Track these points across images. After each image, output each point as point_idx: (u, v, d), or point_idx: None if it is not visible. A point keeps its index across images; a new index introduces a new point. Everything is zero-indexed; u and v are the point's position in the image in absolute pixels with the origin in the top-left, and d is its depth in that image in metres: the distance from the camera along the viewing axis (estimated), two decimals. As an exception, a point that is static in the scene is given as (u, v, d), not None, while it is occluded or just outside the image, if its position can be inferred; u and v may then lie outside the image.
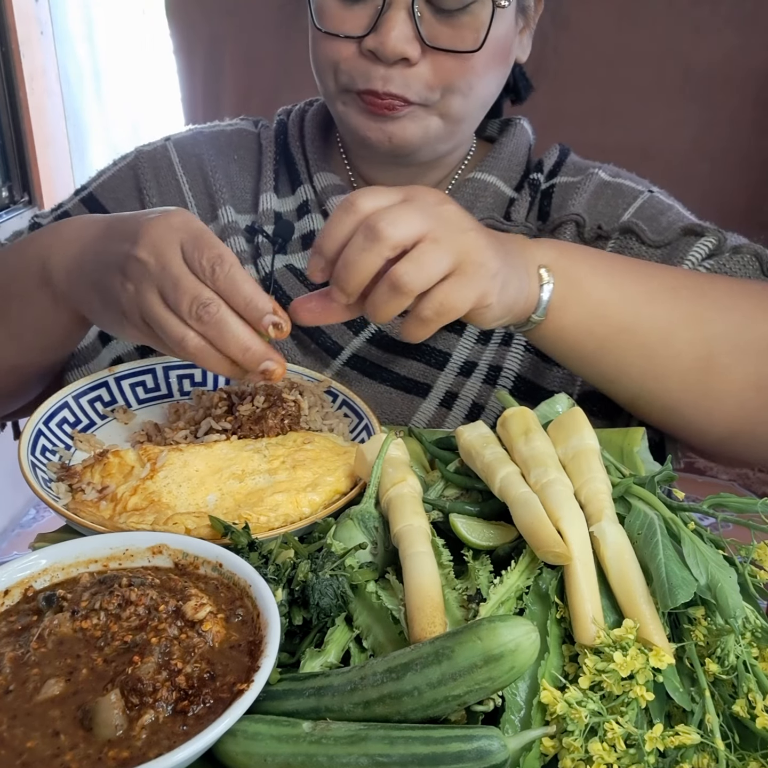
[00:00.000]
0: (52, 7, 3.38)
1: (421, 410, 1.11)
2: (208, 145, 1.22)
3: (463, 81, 1.01)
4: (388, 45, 0.96)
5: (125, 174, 1.21)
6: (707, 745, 0.56)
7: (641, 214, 1.14)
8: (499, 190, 1.19)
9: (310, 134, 1.22)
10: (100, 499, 0.82)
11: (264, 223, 1.18)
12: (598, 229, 1.12)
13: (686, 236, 1.09)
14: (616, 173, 1.21)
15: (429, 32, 0.98)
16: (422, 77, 1.00)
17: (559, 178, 1.20)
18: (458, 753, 0.52)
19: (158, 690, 0.55)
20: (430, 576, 0.66)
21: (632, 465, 0.85)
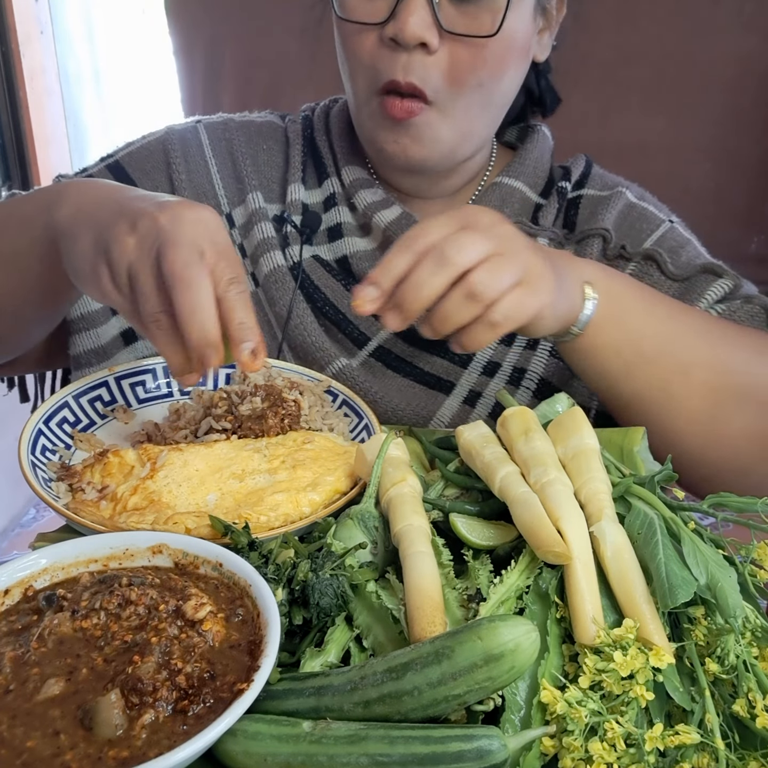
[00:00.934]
0: (52, 7, 3.38)
1: (445, 406, 1.13)
2: (239, 132, 1.23)
3: (474, 75, 1.03)
4: (407, 30, 0.98)
5: (154, 147, 1.21)
6: (707, 745, 0.56)
7: (662, 243, 1.16)
8: (525, 195, 1.21)
9: (337, 129, 1.23)
10: (100, 498, 0.82)
11: (292, 213, 1.19)
12: (622, 249, 1.15)
13: (705, 274, 1.12)
14: (641, 195, 1.23)
15: (446, 19, 0.99)
16: (440, 67, 1.02)
17: (586, 190, 1.22)
18: (458, 752, 0.52)
19: (158, 689, 0.55)
20: (430, 576, 0.66)
21: (632, 464, 0.85)
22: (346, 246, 1.18)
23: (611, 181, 1.24)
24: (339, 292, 1.16)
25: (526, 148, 1.23)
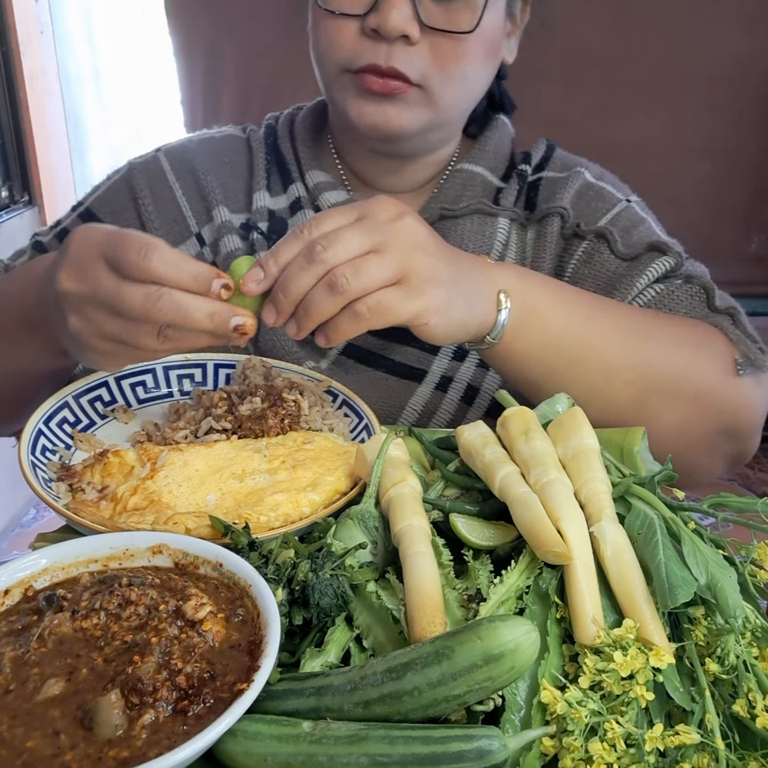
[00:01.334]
0: (52, 7, 3.38)
1: (418, 394, 1.14)
2: (199, 151, 1.24)
3: (457, 66, 1.05)
4: (390, 22, 1.00)
5: (120, 186, 1.22)
6: (707, 745, 0.56)
7: (617, 222, 1.18)
8: (487, 179, 1.23)
9: (301, 135, 1.24)
10: (100, 498, 0.82)
11: (258, 220, 1.19)
12: (576, 227, 1.17)
13: (651, 252, 1.13)
14: (600, 175, 1.25)
15: (426, 14, 1.01)
16: (421, 57, 1.03)
17: (546, 172, 1.24)
18: (458, 753, 0.52)
19: (158, 690, 0.55)
20: (430, 576, 0.66)
21: (632, 465, 0.85)
22: None
23: (571, 162, 1.26)
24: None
25: (486, 135, 1.25)
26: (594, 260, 1.15)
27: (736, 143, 2.81)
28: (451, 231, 1.17)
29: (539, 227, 1.19)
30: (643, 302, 1.11)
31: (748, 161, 2.83)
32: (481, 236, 1.17)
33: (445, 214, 1.18)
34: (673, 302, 1.10)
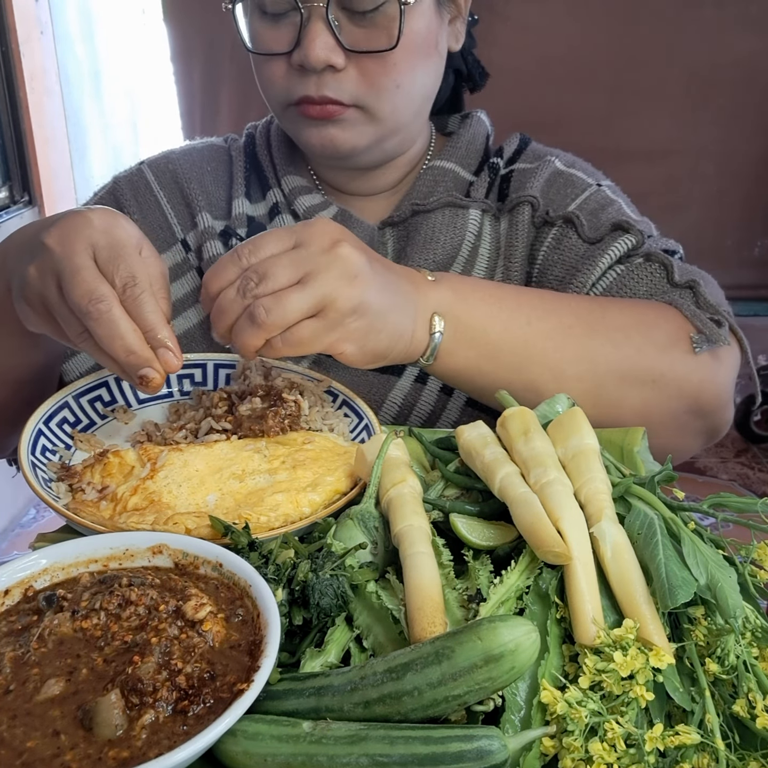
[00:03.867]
0: (52, 7, 3.38)
1: (397, 388, 1.15)
2: (181, 160, 1.26)
3: (389, 79, 1.06)
4: (311, 56, 1.01)
5: (106, 199, 1.24)
6: (707, 745, 0.56)
7: (585, 206, 1.19)
8: (459, 175, 1.24)
9: (276, 142, 1.26)
10: (100, 499, 0.82)
11: (237, 226, 1.21)
12: (546, 215, 1.18)
13: (613, 232, 1.14)
14: (572, 163, 1.26)
15: (348, 38, 1.02)
16: (351, 80, 1.05)
17: (518, 164, 1.25)
18: (458, 753, 0.52)
19: (158, 690, 0.55)
20: (430, 576, 0.66)
21: (632, 465, 0.85)
22: None
23: (542, 153, 1.26)
24: None
25: (459, 133, 1.26)
26: (562, 246, 1.16)
27: (740, 147, 2.80)
28: (423, 225, 1.19)
29: (511, 217, 1.20)
30: (605, 285, 1.12)
31: (753, 165, 2.82)
32: (452, 228, 1.19)
33: (416, 209, 1.19)
34: (634, 281, 1.11)
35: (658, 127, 2.78)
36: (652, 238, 1.16)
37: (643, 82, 2.75)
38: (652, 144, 2.75)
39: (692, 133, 2.78)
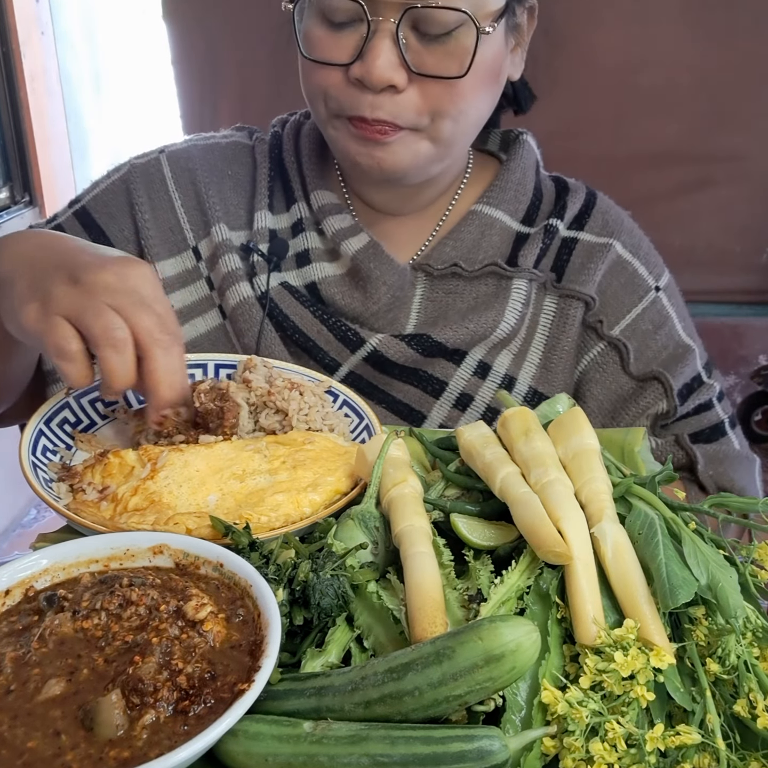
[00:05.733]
0: (52, 7, 3.38)
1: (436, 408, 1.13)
2: (202, 160, 1.21)
3: (452, 106, 1.01)
4: (374, 73, 0.96)
5: (118, 188, 1.20)
6: (708, 745, 0.56)
7: (638, 326, 1.19)
8: (505, 225, 1.19)
9: (307, 150, 1.21)
10: (101, 499, 0.82)
11: (259, 241, 1.18)
12: (598, 323, 1.17)
13: (652, 381, 1.16)
14: (636, 247, 1.21)
15: (414, 59, 0.97)
16: (411, 103, 1.00)
17: (584, 233, 1.20)
18: (459, 753, 0.52)
19: (159, 690, 0.55)
20: (431, 576, 0.66)
21: (633, 465, 0.85)
22: (314, 272, 1.17)
23: (612, 222, 1.21)
24: (308, 320, 1.14)
25: (509, 168, 1.20)
26: (606, 369, 1.16)
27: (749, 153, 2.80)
28: (464, 292, 1.15)
29: (561, 302, 1.17)
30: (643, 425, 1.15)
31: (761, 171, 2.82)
32: (494, 301, 1.15)
33: (457, 272, 1.15)
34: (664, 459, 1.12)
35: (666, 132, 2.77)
36: (709, 374, 1.20)
37: (651, 87, 2.74)
38: (661, 149, 2.75)
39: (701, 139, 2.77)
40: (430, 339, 1.13)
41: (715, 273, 1.10)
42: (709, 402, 1.20)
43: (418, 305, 1.17)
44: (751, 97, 2.74)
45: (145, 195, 1.19)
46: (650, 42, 2.69)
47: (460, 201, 1.21)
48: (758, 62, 2.69)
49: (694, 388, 1.19)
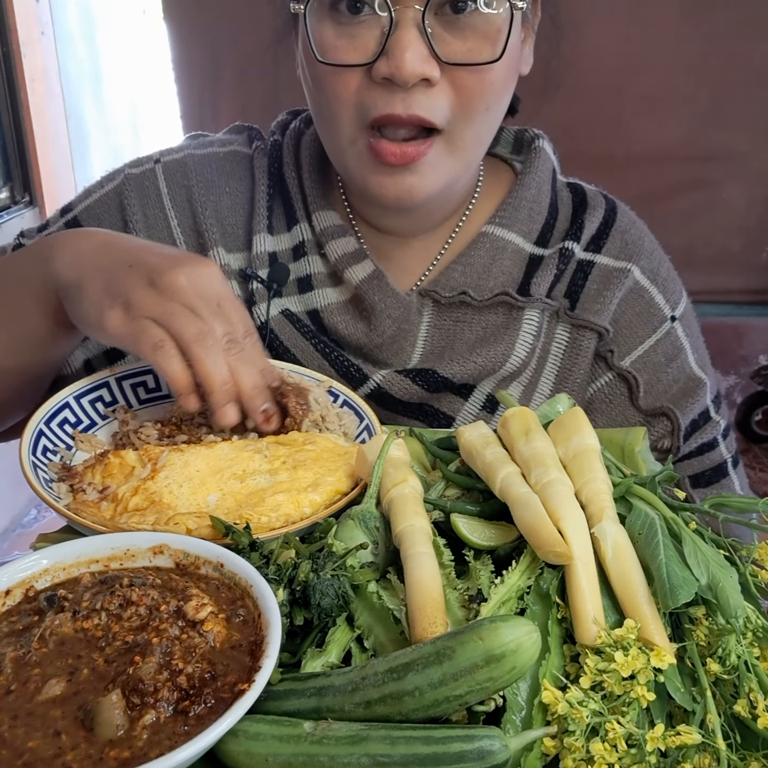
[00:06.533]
0: (53, 8, 3.39)
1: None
2: (199, 176, 1.15)
3: (482, 100, 0.95)
4: (405, 68, 0.88)
5: (111, 200, 1.14)
6: (708, 745, 0.56)
7: (650, 358, 1.14)
8: (518, 248, 1.12)
9: (308, 165, 1.14)
10: (101, 499, 0.82)
11: (258, 266, 1.12)
12: (609, 352, 1.13)
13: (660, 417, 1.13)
14: (655, 272, 1.16)
15: (444, 49, 0.90)
16: (445, 96, 0.93)
17: (602, 256, 1.14)
18: (459, 753, 0.52)
19: (159, 690, 0.55)
20: (431, 576, 0.66)
21: (633, 465, 0.85)
22: (317, 299, 1.11)
23: (632, 244, 1.15)
24: (309, 353, 1.09)
25: (523, 184, 1.13)
26: (613, 401, 1.13)
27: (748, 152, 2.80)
28: (472, 323, 1.10)
29: (574, 332, 1.12)
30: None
31: (760, 170, 2.82)
32: (504, 333, 1.09)
33: (466, 300, 1.09)
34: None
35: (664, 132, 2.78)
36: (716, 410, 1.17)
37: (649, 87, 2.75)
38: (659, 149, 2.75)
39: (699, 138, 2.77)
40: (436, 374, 1.07)
41: (715, 272, 1.10)
42: (713, 441, 1.17)
43: (425, 334, 1.11)
44: (750, 97, 2.74)
45: (140, 212, 1.13)
46: (650, 42, 2.69)
47: (470, 220, 1.14)
48: (757, 62, 2.69)
49: (700, 426, 1.15)
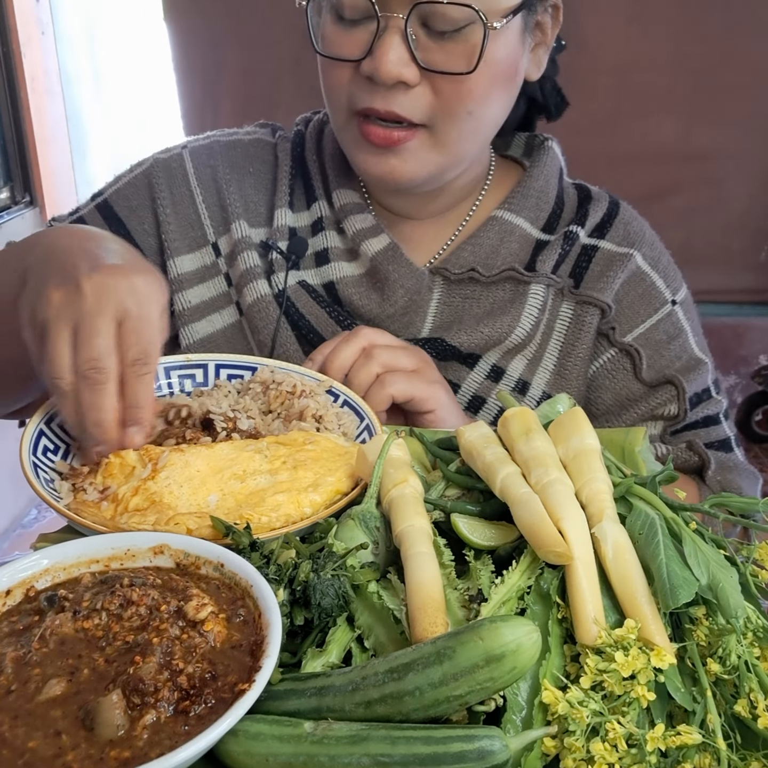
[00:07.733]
0: (53, 8, 3.39)
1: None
2: (224, 157, 1.22)
3: (461, 105, 1.01)
4: (383, 69, 0.96)
5: (140, 182, 1.21)
6: (709, 745, 0.56)
7: (654, 333, 1.18)
8: (525, 232, 1.18)
9: (330, 149, 1.21)
10: (102, 499, 0.82)
11: (278, 239, 1.18)
12: (611, 330, 1.17)
13: (665, 385, 1.16)
14: (656, 260, 1.21)
15: (424, 55, 0.98)
16: (423, 98, 1.01)
17: (605, 242, 1.19)
18: (460, 753, 0.52)
19: (160, 690, 0.55)
20: (431, 576, 0.66)
21: (633, 465, 0.85)
22: (332, 271, 1.18)
23: (634, 233, 1.21)
24: (323, 320, 1.16)
25: (531, 175, 1.20)
26: (616, 376, 1.17)
27: (747, 151, 2.80)
28: (481, 297, 1.16)
29: (578, 309, 1.17)
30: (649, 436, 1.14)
31: (760, 169, 2.82)
32: (510, 307, 1.15)
33: (474, 276, 1.16)
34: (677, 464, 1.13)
35: (665, 131, 2.78)
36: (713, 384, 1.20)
37: (650, 85, 2.75)
38: (660, 148, 2.75)
39: (700, 137, 2.77)
40: (444, 342, 1.14)
41: (714, 271, 1.10)
42: (717, 416, 1.21)
43: (435, 309, 1.17)
44: (750, 97, 2.74)
45: (167, 190, 1.19)
46: (650, 42, 2.69)
47: (481, 207, 1.21)
48: (757, 61, 2.69)
49: (703, 399, 1.19)
